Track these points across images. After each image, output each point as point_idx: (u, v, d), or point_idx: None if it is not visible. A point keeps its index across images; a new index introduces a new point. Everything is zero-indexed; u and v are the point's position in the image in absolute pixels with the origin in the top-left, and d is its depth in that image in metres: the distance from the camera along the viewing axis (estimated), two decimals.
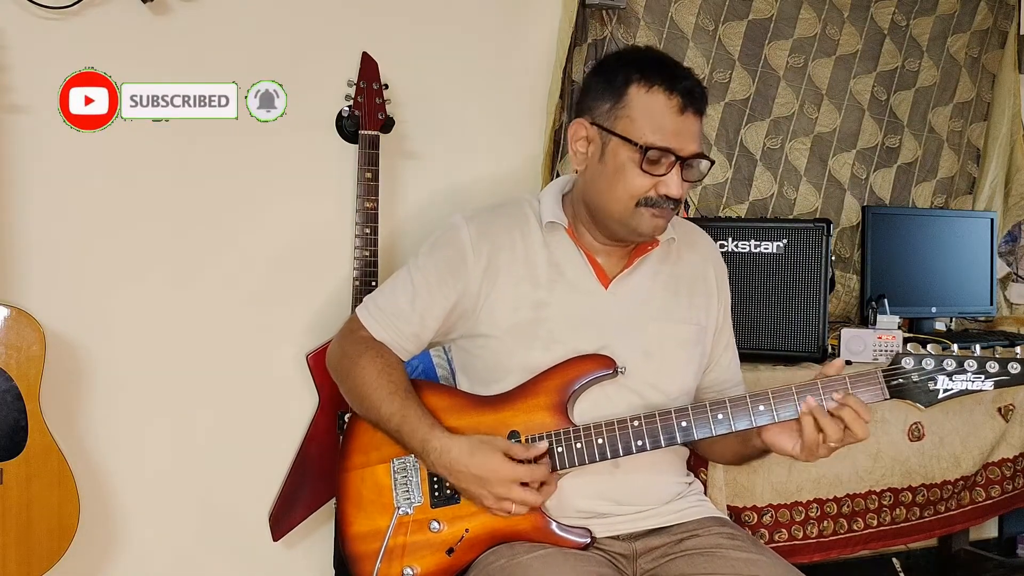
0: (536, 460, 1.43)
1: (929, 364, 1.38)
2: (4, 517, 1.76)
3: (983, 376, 1.37)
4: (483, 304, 1.51)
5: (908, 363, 1.38)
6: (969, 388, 1.37)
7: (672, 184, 1.44)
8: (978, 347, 1.38)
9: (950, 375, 1.37)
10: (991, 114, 3.03)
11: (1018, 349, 1.37)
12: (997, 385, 1.36)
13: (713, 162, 1.52)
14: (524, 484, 1.41)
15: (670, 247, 1.60)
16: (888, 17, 2.84)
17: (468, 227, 1.53)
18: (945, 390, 1.37)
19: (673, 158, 1.43)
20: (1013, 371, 1.36)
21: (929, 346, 1.41)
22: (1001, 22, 3.02)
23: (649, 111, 1.43)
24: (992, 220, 2.84)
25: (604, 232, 1.53)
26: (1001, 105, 3.00)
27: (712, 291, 1.64)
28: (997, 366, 1.36)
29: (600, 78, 1.50)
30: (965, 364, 1.37)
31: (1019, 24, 3.01)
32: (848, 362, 2.16)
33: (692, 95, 1.44)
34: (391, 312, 1.55)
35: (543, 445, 1.43)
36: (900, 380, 1.38)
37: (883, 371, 1.40)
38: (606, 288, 1.54)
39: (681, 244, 1.62)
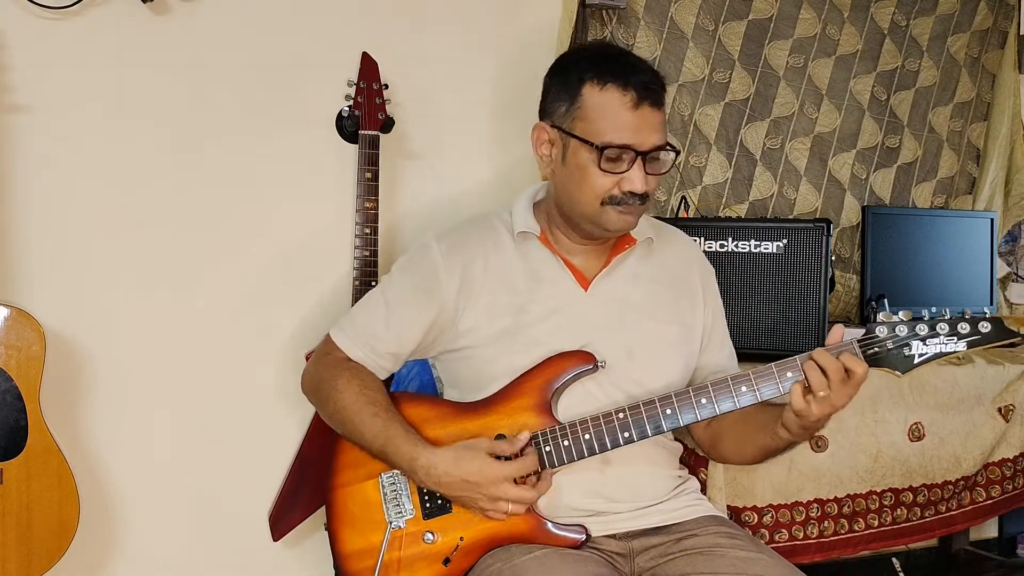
0: (522, 452, 1.42)
1: (902, 331, 1.38)
2: (4, 517, 1.76)
3: (956, 338, 1.37)
4: (461, 318, 1.51)
5: (882, 331, 1.38)
6: (943, 351, 1.37)
7: (635, 180, 1.42)
8: (948, 311, 1.39)
9: (923, 339, 1.37)
10: (991, 114, 3.03)
11: (985, 309, 1.37)
12: (970, 345, 1.37)
13: (678, 152, 1.50)
14: (518, 481, 1.40)
15: (649, 247, 1.60)
16: (888, 17, 2.84)
17: (439, 246, 1.53)
18: (920, 354, 1.38)
19: (633, 154, 1.42)
20: (984, 330, 1.36)
21: (900, 312, 1.41)
22: (1001, 22, 3.02)
23: (604, 110, 1.42)
24: (992, 220, 2.84)
25: (579, 233, 1.52)
26: (1001, 105, 3.00)
27: (697, 293, 1.63)
28: (968, 327, 1.36)
29: (556, 79, 1.50)
30: (937, 327, 1.37)
31: (1019, 24, 3.00)
32: None
33: (647, 88, 1.42)
34: (366, 332, 1.54)
35: (524, 435, 1.42)
36: (876, 348, 1.38)
37: (858, 341, 1.39)
38: (586, 290, 1.53)
39: (661, 245, 1.61)
